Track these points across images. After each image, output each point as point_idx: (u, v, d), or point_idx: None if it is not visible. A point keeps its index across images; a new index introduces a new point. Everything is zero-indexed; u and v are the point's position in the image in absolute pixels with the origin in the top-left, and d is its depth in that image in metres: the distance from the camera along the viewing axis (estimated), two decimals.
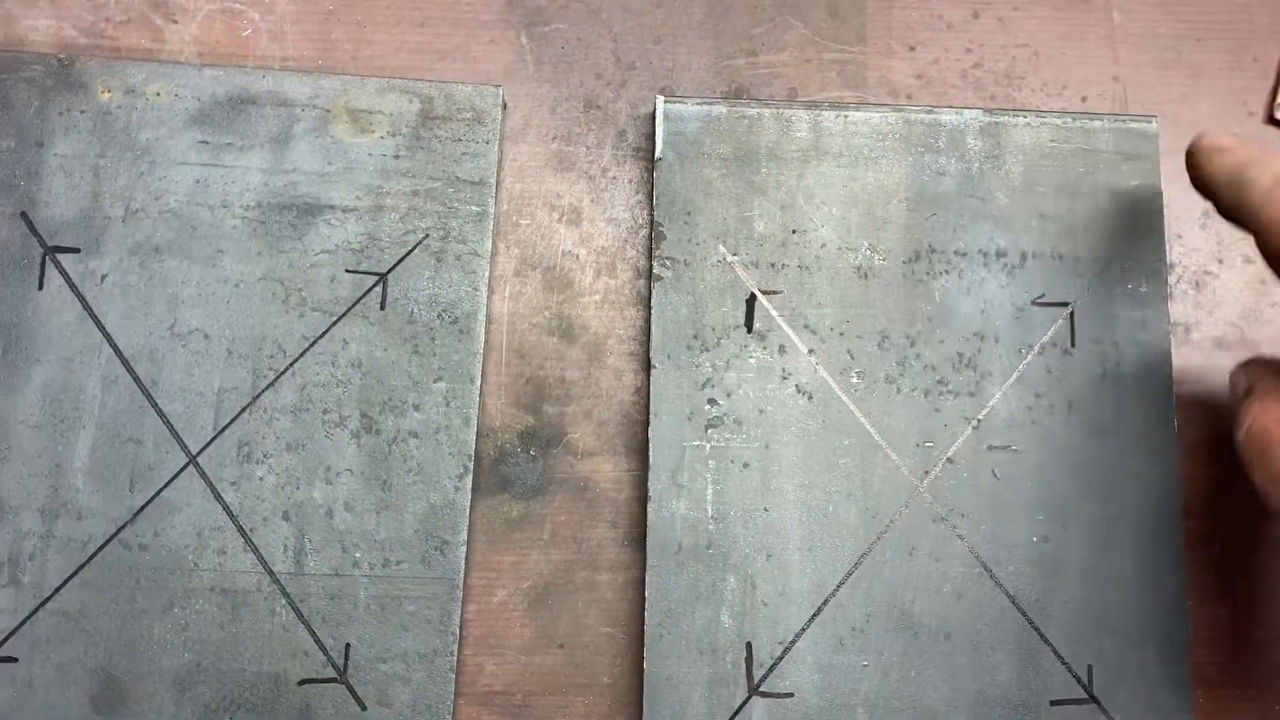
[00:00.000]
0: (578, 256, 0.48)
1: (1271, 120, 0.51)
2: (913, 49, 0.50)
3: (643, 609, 0.43)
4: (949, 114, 0.48)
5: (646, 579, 0.43)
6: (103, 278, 0.44)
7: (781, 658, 0.43)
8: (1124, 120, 0.48)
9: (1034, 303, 0.46)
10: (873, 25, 0.50)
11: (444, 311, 0.45)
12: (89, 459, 0.43)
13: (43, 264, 0.44)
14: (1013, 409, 0.45)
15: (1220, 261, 0.49)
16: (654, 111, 0.47)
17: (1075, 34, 0.51)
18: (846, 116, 0.47)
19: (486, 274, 0.45)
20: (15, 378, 0.43)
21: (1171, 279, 0.49)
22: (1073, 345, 0.46)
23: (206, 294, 0.44)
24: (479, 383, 0.45)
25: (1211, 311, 0.48)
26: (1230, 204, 0.40)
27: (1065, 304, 0.46)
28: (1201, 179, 0.42)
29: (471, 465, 0.44)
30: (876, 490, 0.44)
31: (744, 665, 0.43)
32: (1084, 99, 0.50)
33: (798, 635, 0.43)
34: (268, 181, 0.45)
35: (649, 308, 0.46)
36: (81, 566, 0.42)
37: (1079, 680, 0.43)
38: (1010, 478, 0.45)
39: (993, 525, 0.44)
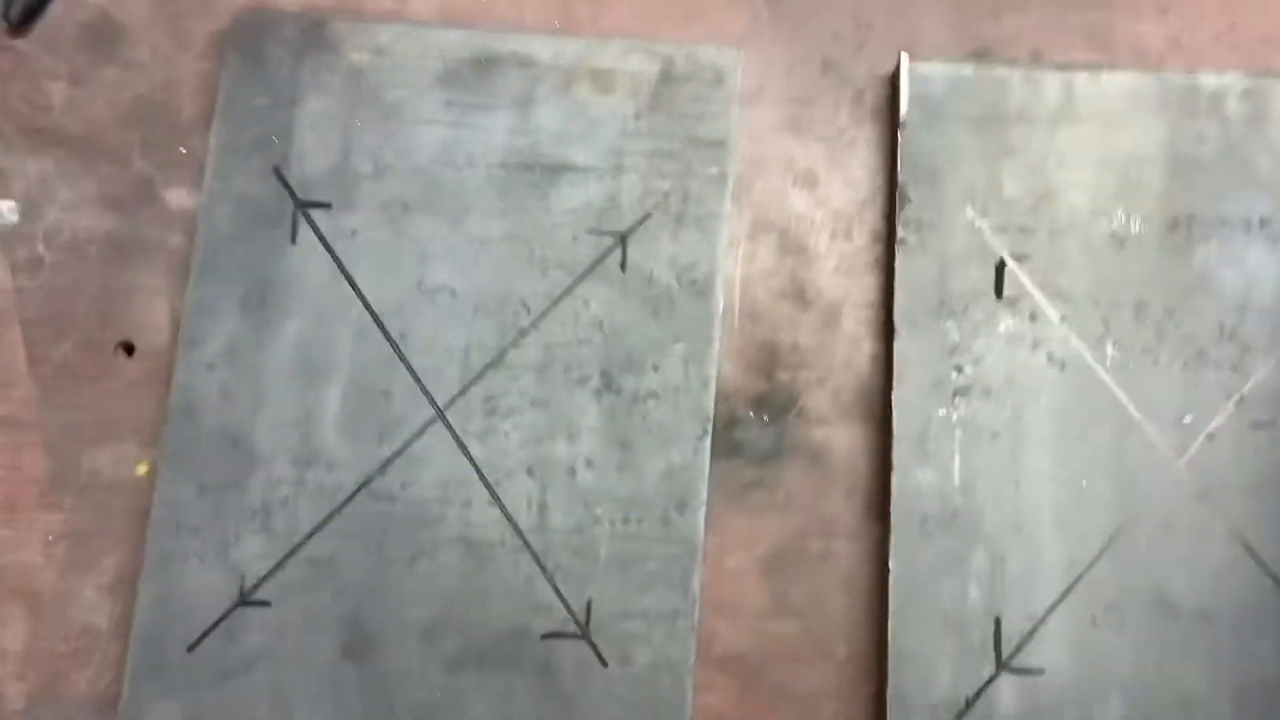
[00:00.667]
0: (813, 220, 0.49)
1: None
2: (1164, 11, 0.51)
3: (883, 580, 0.44)
4: (1209, 77, 0.48)
5: (891, 549, 0.44)
6: (353, 233, 0.47)
7: (1032, 633, 0.44)
8: None
9: None
10: None
11: (683, 273, 0.47)
12: (339, 410, 0.46)
13: (294, 219, 0.48)
14: (1277, 384, 0.45)
15: None
16: (895, 72, 0.48)
17: None
18: (1098, 79, 0.48)
19: (725, 236, 0.47)
20: (269, 330, 0.47)
21: None
22: None
23: (453, 251, 0.47)
24: (717, 345, 0.46)
25: None
26: None
27: None
28: None
29: (710, 427, 0.46)
30: (1131, 466, 0.45)
31: (992, 640, 0.44)
32: None
33: (1049, 611, 0.44)
34: (511, 141, 0.48)
35: (886, 273, 0.47)
36: (332, 515, 0.45)
37: None
38: (1275, 455, 0.45)
39: (1257, 505, 0.44)
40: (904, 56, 0.47)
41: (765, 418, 0.47)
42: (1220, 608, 0.43)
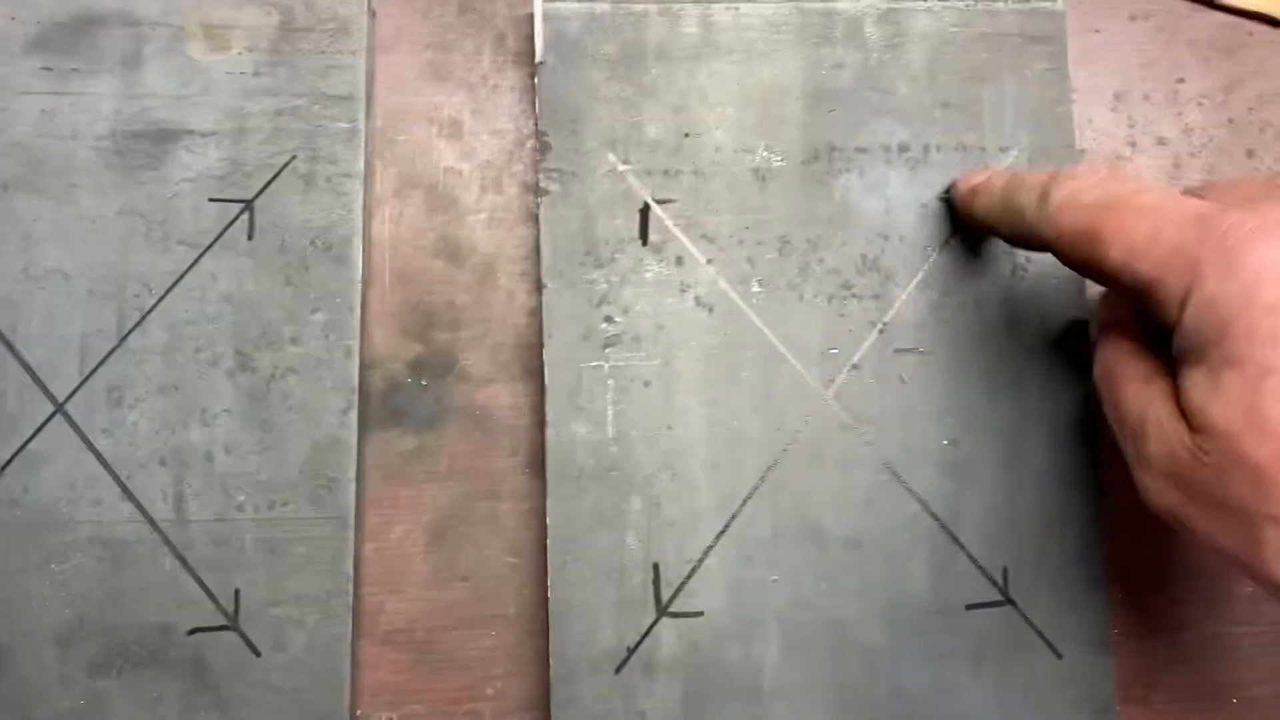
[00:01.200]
0: (461, 173, 0.49)
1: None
2: None
3: (546, 537, 0.46)
4: (846, 2, 0.49)
5: (548, 505, 0.45)
6: None
7: (689, 577, 0.46)
8: (1029, 1, 0.50)
9: (940, 198, 0.48)
10: None
11: (317, 238, 0.46)
12: None
13: None
14: (919, 310, 0.48)
15: (1133, 145, 0.52)
16: (533, 12, 0.48)
17: None
18: (738, 10, 0.49)
19: (361, 196, 0.47)
20: None
21: (1083, 165, 0.51)
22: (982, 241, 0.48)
23: (62, 231, 0.45)
24: (359, 312, 0.46)
25: None
26: (1014, 235, 0.42)
27: None
28: (978, 223, 0.46)
29: (355, 399, 0.46)
30: (781, 401, 0.47)
31: (652, 587, 0.46)
32: None
33: (705, 553, 0.46)
34: (119, 108, 0.46)
35: (540, 224, 0.48)
36: None
37: (994, 583, 0.47)
38: (919, 381, 0.47)
39: (902, 432, 0.47)
40: None
41: (424, 382, 0.47)
42: (870, 534, 0.46)
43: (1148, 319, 0.37)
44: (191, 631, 0.44)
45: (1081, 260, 0.35)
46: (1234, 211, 0.30)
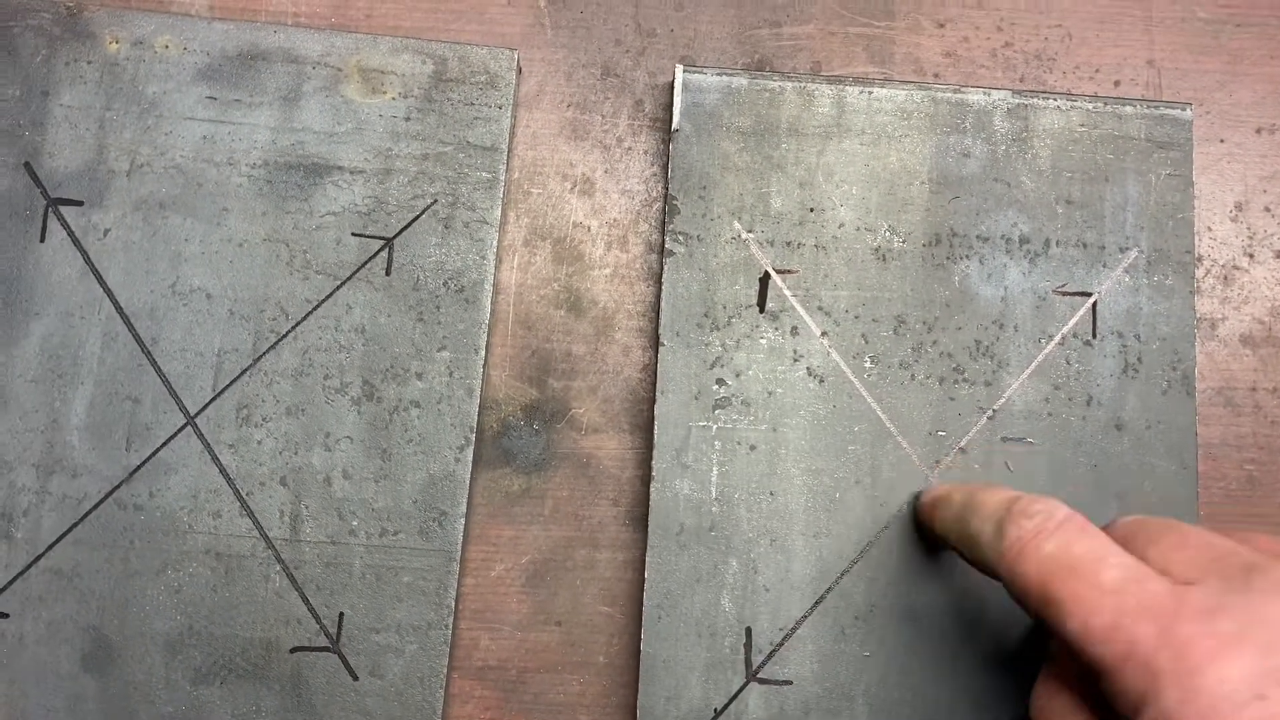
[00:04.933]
0: (589, 228, 0.50)
1: None
2: (942, 26, 0.52)
3: (642, 589, 0.45)
4: (977, 94, 0.49)
5: (647, 559, 0.45)
6: (105, 232, 0.46)
7: (781, 644, 0.45)
8: (1157, 107, 0.49)
9: (1056, 292, 0.48)
10: (902, 0, 0.52)
11: (450, 279, 0.47)
12: (86, 416, 0.45)
13: (45, 216, 0.47)
14: (1030, 400, 0.47)
15: (1250, 256, 0.51)
16: (673, 81, 0.49)
17: (1110, 16, 0.52)
18: (871, 93, 0.49)
19: (495, 243, 0.47)
20: (14, 330, 0.46)
21: (1199, 272, 0.50)
22: (1094, 337, 0.48)
23: (210, 253, 0.46)
24: (484, 354, 0.46)
25: (1239, 307, 0.50)
26: (969, 558, 0.38)
27: (1088, 294, 0.48)
28: (937, 538, 0.43)
29: (473, 437, 0.46)
30: (886, 478, 0.46)
31: (743, 651, 0.45)
32: (1117, 83, 0.52)
33: (799, 622, 0.45)
34: (275, 140, 0.47)
35: (660, 283, 0.48)
36: (75, 524, 0.44)
37: None
38: (1024, 471, 0.47)
39: None
40: (679, 67, 0.48)
41: (536, 426, 0.47)
42: (965, 618, 0.45)
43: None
44: (294, 649, 0.44)
45: (1034, 613, 0.33)
46: (1197, 606, 0.28)
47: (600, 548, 0.47)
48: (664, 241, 0.47)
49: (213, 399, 0.45)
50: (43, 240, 0.46)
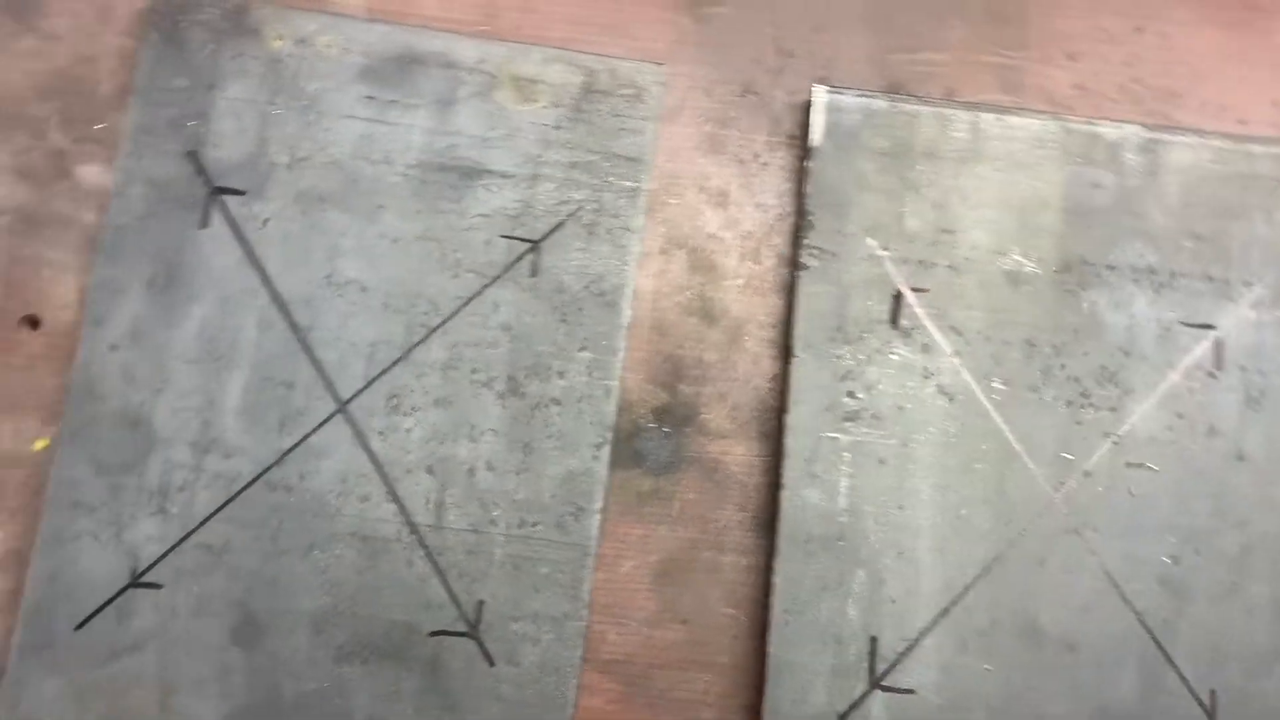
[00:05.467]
0: (723, 240, 0.51)
1: None
2: (1072, 58, 0.53)
3: (767, 594, 0.46)
4: (1109, 127, 0.50)
5: (775, 565, 0.46)
6: (265, 222, 0.48)
7: (905, 654, 0.46)
8: None
9: (1181, 323, 0.49)
10: (1034, 31, 0.53)
11: (592, 283, 0.48)
12: (241, 398, 0.47)
13: (207, 204, 0.48)
14: (1153, 428, 0.48)
15: None
16: (810, 100, 0.50)
17: (1238, 55, 0.53)
18: (1006, 121, 0.50)
19: (637, 249, 0.49)
20: (174, 314, 0.47)
21: None
22: (1218, 369, 0.48)
23: (365, 247, 0.48)
24: (622, 356, 0.48)
25: None
26: None
27: (1212, 327, 0.49)
28: None
29: (610, 435, 0.47)
30: (1011, 497, 0.47)
31: (867, 658, 0.46)
32: (1242, 122, 0.52)
33: (923, 633, 0.46)
34: (431, 142, 0.49)
35: (791, 296, 0.49)
36: (228, 502, 0.46)
37: (1201, 704, 0.46)
38: (1146, 496, 0.47)
39: (1125, 542, 0.47)
40: (820, 87, 0.49)
41: (666, 429, 0.49)
42: (1084, 638, 0.46)
43: None
44: (433, 633, 0.45)
45: None
46: None
47: (726, 551, 0.48)
48: (797, 255, 0.48)
49: (364, 387, 0.46)
50: (204, 227, 0.47)
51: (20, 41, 0.50)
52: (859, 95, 0.49)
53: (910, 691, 0.45)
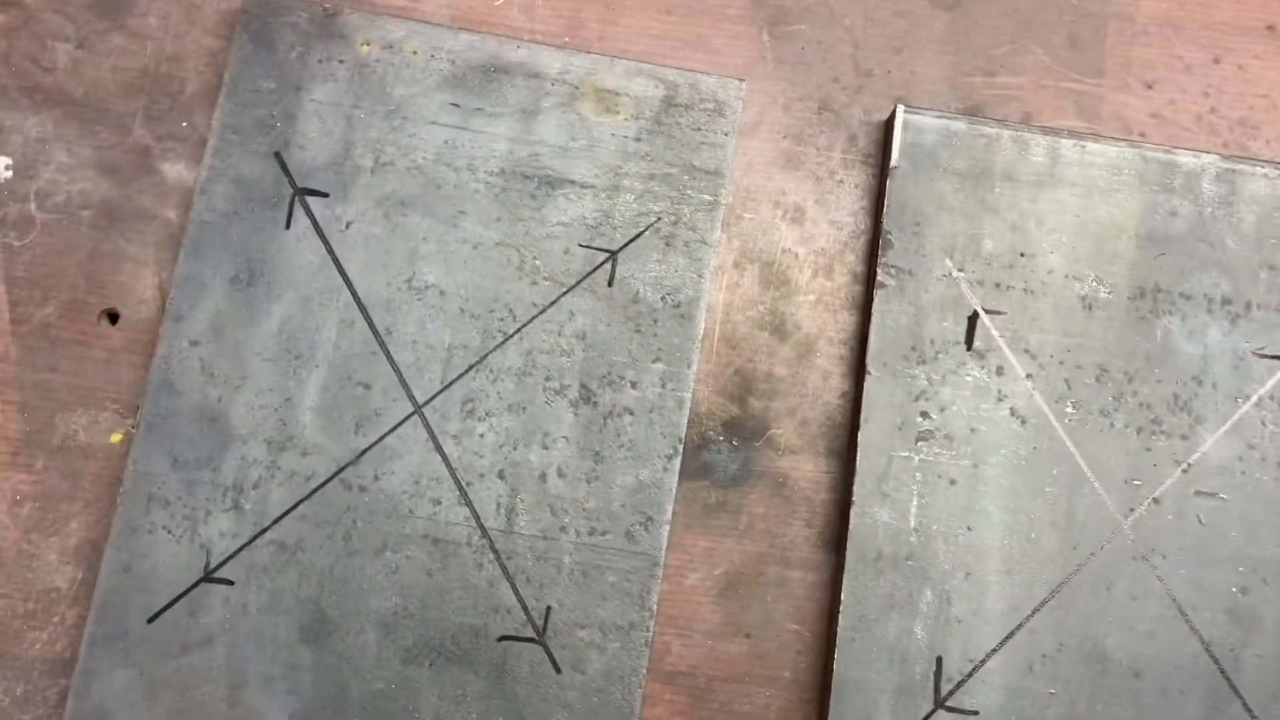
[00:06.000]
0: (797, 255, 0.51)
1: None
2: (1150, 87, 0.53)
3: (833, 610, 0.46)
4: (1186, 156, 0.50)
5: (844, 582, 0.46)
6: (348, 224, 0.48)
7: (970, 675, 0.46)
8: None
9: (1255, 353, 0.49)
10: (1112, 59, 0.53)
11: (668, 295, 0.48)
12: (318, 397, 0.47)
13: (291, 204, 0.49)
14: (1224, 457, 0.48)
15: None
16: (890, 119, 0.50)
17: None
18: (1084, 147, 0.50)
19: (712, 263, 0.49)
20: (256, 311, 0.48)
21: None
22: None
23: (445, 251, 0.48)
24: (695, 368, 0.48)
25: None
26: None
27: None
28: None
29: (681, 448, 0.47)
30: (1080, 522, 0.47)
31: (932, 678, 0.46)
32: None
33: (989, 655, 0.46)
34: (513, 150, 0.49)
35: (863, 313, 0.49)
36: (302, 500, 0.46)
37: None
38: (1215, 525, 0.47)
39: (1193, 570, 0.47)
40: (900, 106, 0.49)
41: (734, 443, 0.49)
42: (1150, 665, 0.46)
43: None
44: (501, 638, 0.45)
45: None
46: None
47: (792, 566, 0.48)
48: (872, 273, 0.48)
49: (440, 390, 0.47)
50: (288, 227, 0.48)
51: (109, 40, 0.50)
52: (939, 116, 0.49)
53: (975, 713, 0.45)
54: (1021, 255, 0.48)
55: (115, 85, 0.50)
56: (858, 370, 0.47)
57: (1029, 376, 0.47)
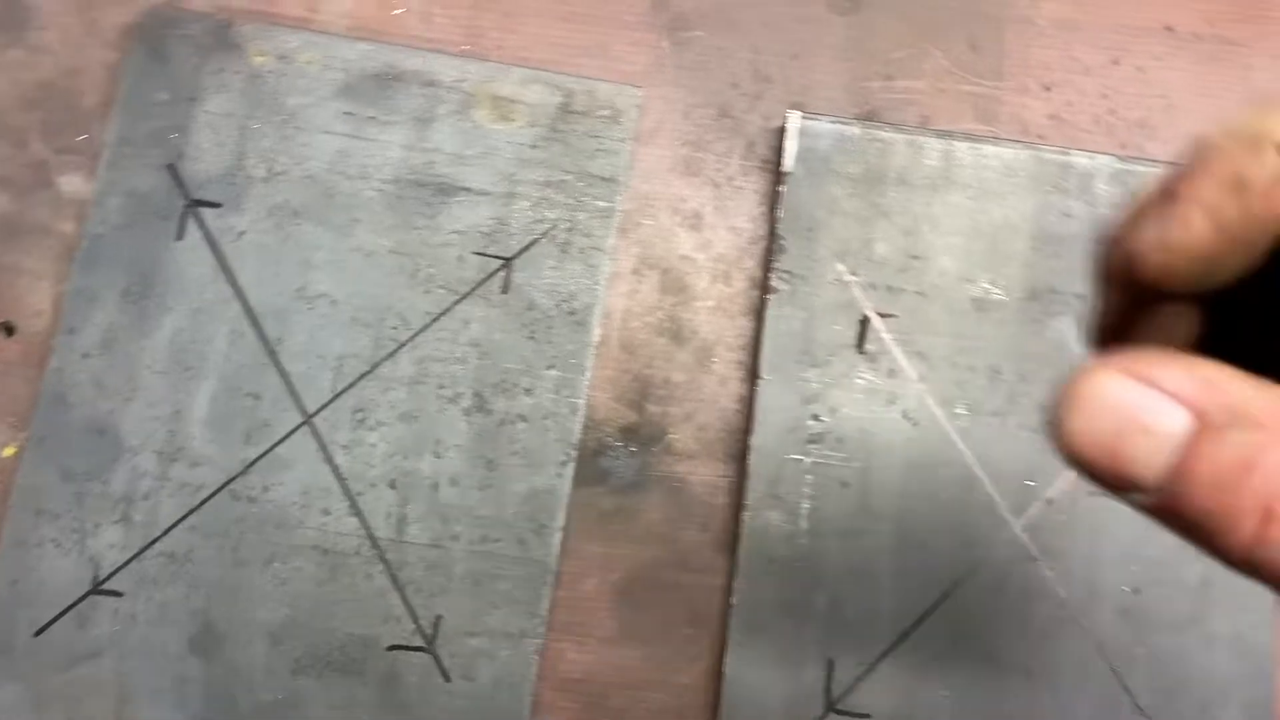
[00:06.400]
0: (695, 261, 0.51)
1: None
2: (1048, 89, 0.53)
3: (727, 614, 0.46)
4: (1081, 157, 0.50)
5: (735, 586, 0.46)
6: (240, 234, 0.48)
7: (862, 678, 0.46)
8: None
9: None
10: (1011, 62, 0.53)
11: (563, 301, 0.48)
12: (208, 409, 0.47)
13: (184, 216, 0.49)
14: None
15: None
16: (785, 125, 0.50)
17: (1213, 89, 0.53)
18: (979, 149, 0.50)
19: (608, 269, 0.49)
20: (147, 323, 0.47)
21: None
22: None
23: (338, 260, 0.48)
24: (589, 374, 0.48)
25: None
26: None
27: None
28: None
29: (574, 454, 0.47)
30: (972, 523, 0.47)
31: (824, 681, 0.46)
32: None
33: (880, 658, 0.46)
34: (407, 158, 0.49)
35: (760, 319, 0.49)
36: (191, 511, 0.46)
37: None
38: (1108, 525, 0.47)
39: (1086, 572, 0.47)
40: (793, 112, 0.49)
41: (632, 449, 0.49)
42: (1043, 665, 0.45)
43: None
44: (391, 647, 0.45)
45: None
46: None
47: (688, 571, 0.48)
48: (767, 279, 0.48)
49: (330, 400, 0.46)
50: (179, 239, 0.48)
51: (7, 54, 0.50)
52: (832, 121, 0.49)
53: (866, 716, 0.45)
54: (914, 258, 0.48)
55: (13, 99, 0.50)
56: (754, 375, 0.47)
57: (921, 379, 0.47)
